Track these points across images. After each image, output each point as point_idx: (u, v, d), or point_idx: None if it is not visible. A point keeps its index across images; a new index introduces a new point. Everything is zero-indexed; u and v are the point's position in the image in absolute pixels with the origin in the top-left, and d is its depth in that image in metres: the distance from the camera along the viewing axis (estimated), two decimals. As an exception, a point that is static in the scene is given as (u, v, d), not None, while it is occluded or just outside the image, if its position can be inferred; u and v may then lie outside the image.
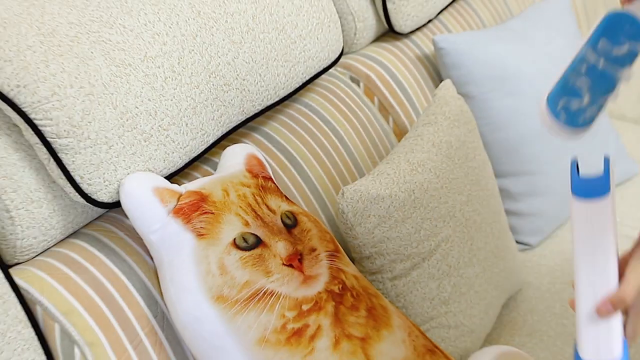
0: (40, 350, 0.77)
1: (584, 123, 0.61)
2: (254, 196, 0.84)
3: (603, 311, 0.61)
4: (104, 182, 0.80)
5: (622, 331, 0.62)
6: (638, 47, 0.57)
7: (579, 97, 0.60)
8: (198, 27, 0.88)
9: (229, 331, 0.75)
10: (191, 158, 0.91)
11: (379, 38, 1.36)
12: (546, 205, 1.33)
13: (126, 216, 0.83)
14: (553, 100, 0.61)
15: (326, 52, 1.08)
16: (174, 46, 0.85)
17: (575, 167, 0.64)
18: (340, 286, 0.81)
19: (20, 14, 0.76)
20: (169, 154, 0.85)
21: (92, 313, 0.78)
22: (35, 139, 0.76)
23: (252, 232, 0.80)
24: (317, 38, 1.05)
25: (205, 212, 0.80)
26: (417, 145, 1.04)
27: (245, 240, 0.79)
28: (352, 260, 0.97)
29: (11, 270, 0.79)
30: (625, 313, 0.62)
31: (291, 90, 1.04)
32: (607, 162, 0.63)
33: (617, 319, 0.61)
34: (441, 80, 1.32)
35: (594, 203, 0.62)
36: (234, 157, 0.92)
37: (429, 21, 1.40)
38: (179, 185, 0.84)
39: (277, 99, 1.02)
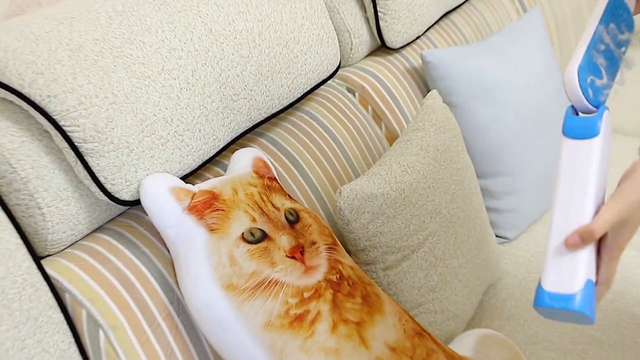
0: (69, 333, 0.78)
1: (601, 103, 0.58)
2: (260, 195, 0.84)
3: (570, 243, 0.56)
4: (126, 182, 0.80)
5: (587, 269, 0.57)
6: (631, 37, 0.55)
7: (600, 76, 0.57)
8: (210, 43, 0.88)
9: (238, 317, 0.75)
10: (204, 160, 0.91)
11: (373, 53, 1.36)
12: (522, 203, 1.33)
13: (145, 213, 0.83)
14: (583, 74, 0.57)
15: (325, 65, 1.08)
16: (188, 60, 0.85)
17: (572, 108, 0.60)
18: (338, 276, 0.81)
19: (51, 31, 0.76)
20: (183, 157, 0.86)
21: (115, 300, 0.78)
22: (64, 144, 0.76)
23: (259, 227, 0.80)
24: (317, 53, 1.05)
25: (217, 209, 0.80)
26: (406, 149, 1.04)
27: (252, 234, 0.79)
28: (349, 252, 0.97)
29: (43, 262, 0.80)
30: (599, 256, 0.58)
31: (293, 100, 1.05)
32: (602, 109, 0.59)
33: (583, 254, 0.57)
34: (428, 91, 1.32)
35: (580, 143, 0.58)
36: (242, 160, 0.92)
37: (418, 37, 1.40)
38: (193, 185, 0.84)
39: (281, 108, 1.02)
